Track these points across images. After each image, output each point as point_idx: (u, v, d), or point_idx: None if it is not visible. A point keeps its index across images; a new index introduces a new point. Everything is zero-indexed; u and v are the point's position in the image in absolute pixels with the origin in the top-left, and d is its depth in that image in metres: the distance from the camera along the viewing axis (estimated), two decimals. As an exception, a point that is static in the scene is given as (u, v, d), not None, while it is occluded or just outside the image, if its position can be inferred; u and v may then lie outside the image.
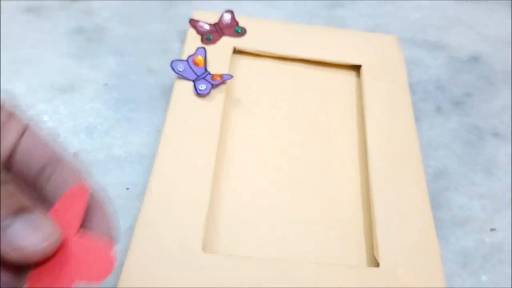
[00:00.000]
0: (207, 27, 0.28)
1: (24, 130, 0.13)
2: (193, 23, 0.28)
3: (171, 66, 0.25)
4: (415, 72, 0.30)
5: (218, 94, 0.25)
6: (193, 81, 0.25)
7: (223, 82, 0.25)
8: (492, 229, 0.23)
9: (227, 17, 0.29)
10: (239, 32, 0.28)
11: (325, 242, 0.21)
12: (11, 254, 0.10)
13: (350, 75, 0.28)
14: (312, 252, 0.21)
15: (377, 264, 0.20)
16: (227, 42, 0.28)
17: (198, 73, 0.25)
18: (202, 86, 0.25)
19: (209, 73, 0.25)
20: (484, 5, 0.36)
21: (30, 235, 0.10)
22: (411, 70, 0.30)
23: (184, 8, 0.32)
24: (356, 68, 0.28)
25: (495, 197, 0.24)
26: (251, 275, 0.19)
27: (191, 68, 0.25)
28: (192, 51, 0.26)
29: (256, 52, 0.28)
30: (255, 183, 0.23)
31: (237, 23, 0.29)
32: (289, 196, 0.22)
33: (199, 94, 0.24)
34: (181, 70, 0.25)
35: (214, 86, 0.25)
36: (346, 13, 0.33)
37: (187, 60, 0.26)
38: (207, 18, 0.29)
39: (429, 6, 0.35)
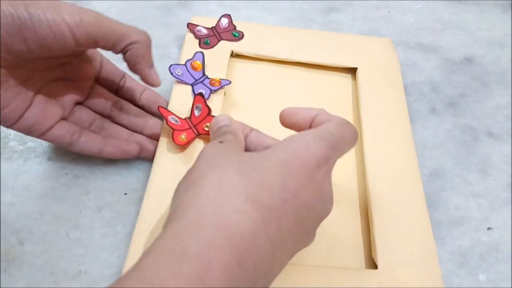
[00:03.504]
0: (205, 31, 0.29)
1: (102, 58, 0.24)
2: (191, 27, 0.29)
3: (169, 70, 0.25)
4: (409, 74, 0.31)
5: (216, 97, 0.25)
6: (191, 85, 0.25)
7: (221, 87, 0.25)
8: (489, 228, 0.23)
9: (225, 22, 0.29)
10: (236, 36, 0.29)
11: (324, 244, 0.21)
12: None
13: (346, 78, 0.28)
14: (311, 254, 0.21)
15: (375, 266, 0.20)
16: (224, 46, 0.28)
17: (196, 77, 0.26)
18: (201, 92, 0.25)
19: (207, 77, 0.26)
20: (476, 7, 0.36)
21: None
22: (406, 72, 0.30)
23: (182, 14, 0.32)
24: (352, 70, 0.29)
25: (490, 196, 0.25)
26: None
27: (189, 72, 0.26)
28: (190, 55, 0.26)
29: (253, 56, 0.28)
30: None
31: (234, 27, 0.29)
32: None
33: None
34: (179, 74, 0.26)
35: (212, 92, 0.25)
36: (340, 18, 0.34)
37: (185, 64, 0.26)
38: (205, 23, 0.29)
39: (422, 10, 0.36)
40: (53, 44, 0.18)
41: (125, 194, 0.23)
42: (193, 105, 0.23)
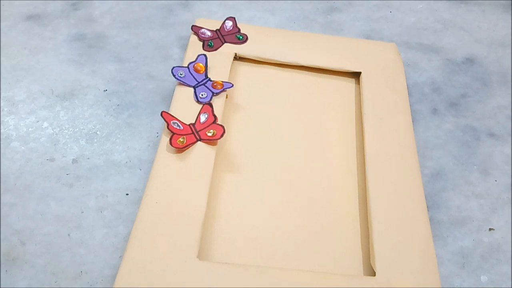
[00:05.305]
0: (209, 33, 0.29)
1: None
2: (195, 29, 0.29)
3: (172, 72, 0.25)
4: (411, 74, 0.31)
5: (218, 100, 0.25)
6: (194, 87, 0.25)
7: (223, 90, 0.25)
8: (491, 229, 0.23)
9: (229, 24, 0.29)
10: (240, 39, 0.29)
11: (321, 250, 0.21)
12: None
13: (350, 82, 0.28)
14: (308, 260, 0.20)
15: (373, 273, 0.20)
16: (228, 49, 0.28)
17: (199, 80, 0.26)
18: (203, 94, 0.25)
19: (210, 80, 0.26)
20: (478, 7, 0.36)
21: None
22: (407, 73, 0.30)
23: (184, 15, 0.32)
24: (356, 75, 0.28)
25: (492, 197, 0.25)
26: (246, 284, 0.19)
27: (191, 74, 0.26)
28: (194, 58, 0.26)
29: (257, 59, 0.28)
30: (253, 191, 0.23)
31: (238, 30, 0.29)
32: (285, 204, 0.22)
33: (199, 102, 0.25)
34: (181, 76, 0.26)
35: (214, 94, 0.25)
36: (342, 18, 0.34)
37: (187, 67, 0.26)
38: (209, 25, 0.29)
39: (424, 10, 0.36)
40: None
41: (127, 194, 0.23)
42: (200, 112, 0.24)
